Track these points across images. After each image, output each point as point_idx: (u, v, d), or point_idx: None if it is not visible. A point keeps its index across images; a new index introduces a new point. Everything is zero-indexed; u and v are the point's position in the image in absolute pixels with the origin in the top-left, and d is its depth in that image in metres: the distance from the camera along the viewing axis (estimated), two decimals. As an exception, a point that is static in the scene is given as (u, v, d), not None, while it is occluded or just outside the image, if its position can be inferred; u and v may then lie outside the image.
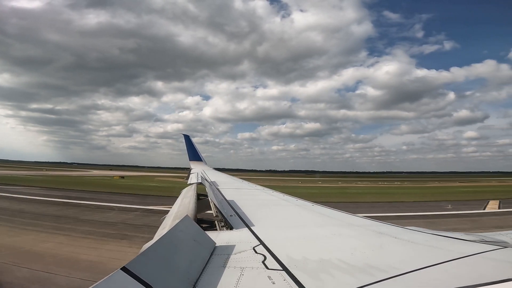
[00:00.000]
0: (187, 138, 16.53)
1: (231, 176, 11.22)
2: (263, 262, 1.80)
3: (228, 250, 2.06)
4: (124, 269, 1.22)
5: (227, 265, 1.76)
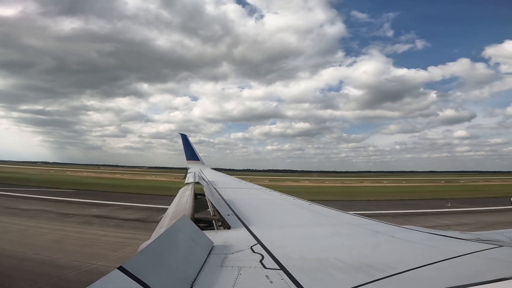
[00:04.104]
0: (184, 137, 16.33)
1: (229, 176, 11.20)
2: (260, 261, 1.80)
3: (225, 249, 2.05)
4: (121, 268, 1.21)
5: (225, 265, 1.75)
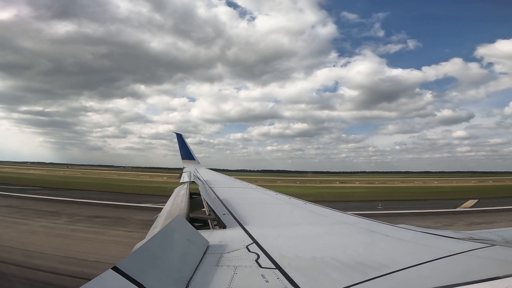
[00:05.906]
0: (180, 137, 16.30)
1: (224, 175, 11.19)
2: (256, 260, 1.80)
3: (221, 249, 2.04)
4: (115, 268, 1.20)
5: (220, 264, 1.75)
